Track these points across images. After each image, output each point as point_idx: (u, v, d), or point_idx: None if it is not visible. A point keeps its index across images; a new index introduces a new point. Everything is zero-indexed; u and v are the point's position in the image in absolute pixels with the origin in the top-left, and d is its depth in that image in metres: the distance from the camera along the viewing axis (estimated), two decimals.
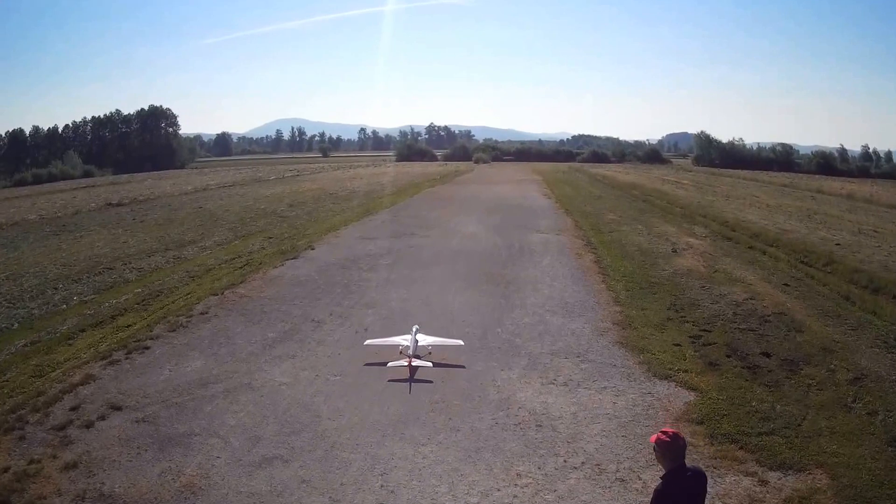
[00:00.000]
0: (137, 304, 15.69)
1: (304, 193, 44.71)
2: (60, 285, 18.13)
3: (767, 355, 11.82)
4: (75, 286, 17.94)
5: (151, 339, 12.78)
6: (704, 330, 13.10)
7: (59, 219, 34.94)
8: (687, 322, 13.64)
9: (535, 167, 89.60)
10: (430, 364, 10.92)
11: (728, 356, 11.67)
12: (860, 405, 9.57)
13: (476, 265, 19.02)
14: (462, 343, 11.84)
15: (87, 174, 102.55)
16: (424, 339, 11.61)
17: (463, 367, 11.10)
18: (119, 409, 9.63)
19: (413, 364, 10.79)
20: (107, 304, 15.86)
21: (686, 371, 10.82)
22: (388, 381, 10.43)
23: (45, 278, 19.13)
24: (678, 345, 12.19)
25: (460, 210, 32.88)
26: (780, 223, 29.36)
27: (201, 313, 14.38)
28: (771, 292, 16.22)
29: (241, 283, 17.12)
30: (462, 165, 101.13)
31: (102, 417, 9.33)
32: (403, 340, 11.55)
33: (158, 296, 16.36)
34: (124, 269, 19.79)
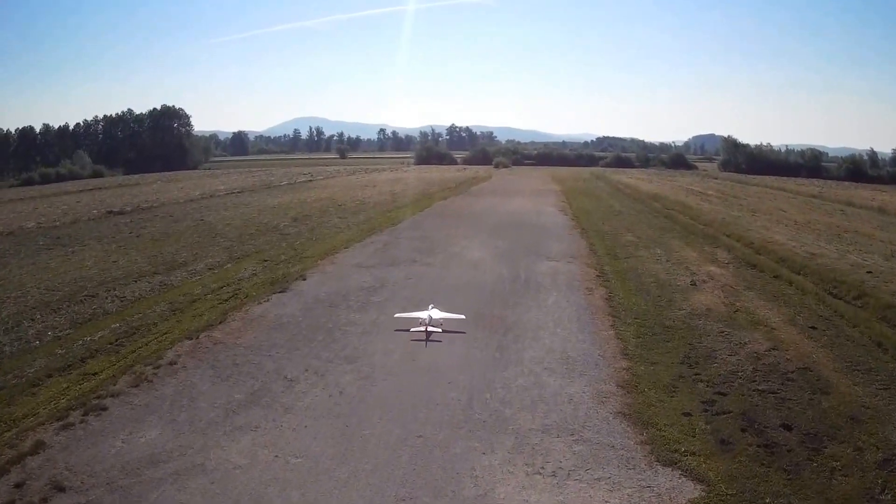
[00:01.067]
0: (111, 343, 14.76)
1: (311, 205, 43.74)
2: (38, 315, 17.32)
3: (788, 428, 10.50)
4: (53, 317, 17.10)
5: (112, 396, 11.76)
6: (719, 393, 11.77)
7: (56, 228, 34.44)
8: (701, 381, 12.30)
9: (555, 174, 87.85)
10: (440, 330, 15.20)
11: (743, 430, 10.36)
12: (888, 497, 8.41)
13: (474, 305, 17.59)
14: (464, 317, 16.04)
15: (96, 174, 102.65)
16: (438, 314, 15.83)
17: (464, 332, 15.22)
18: (63, 489, 8.72)
19: (428, 330, 15.06)
20: (80, 341, 14.98)
21: (694, 454, 9.50)
22: (411, 340, 14.63)
23: (24, 305, 18.38)
24: (688, 414, 10.87)
25: (470, 230, 31.38)
26: (809, 245, 27.74)
27: (170, 363, 13.31)
28: (796, 339, 14.80)
29: (220, 322, 16.02)
30: (481, 170, 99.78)
31: (45, 500, 8.44)
32: (422, 315, 15.74)
33: (134, 334, 15.39)
34: (107, 298, 18.88)
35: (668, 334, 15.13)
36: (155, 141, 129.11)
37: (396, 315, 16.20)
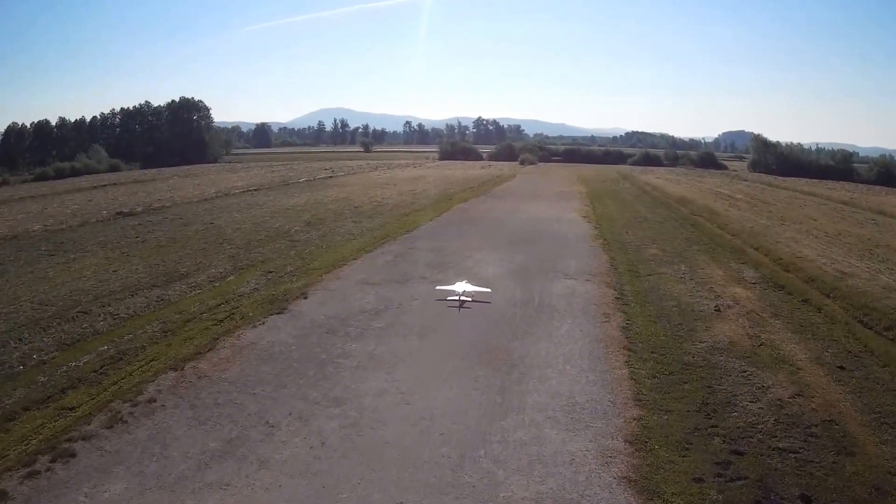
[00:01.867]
0: (94, 371, 14.17)
1: (327, 206, 43.01)
2: (27, 334, 16.82)
3: (807, 501, 9.50)
4: (41, 337, 16.57)
5: (84, 438, 11.12)
6: (736, 451, 10.75)
7: (61, 232, 33.88)
8: (717, 435, 11.27)
9: (581, 173, 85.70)
10: (470, 300, 19.47)
11: (758, 502, 9.35)
12: None
13: (481, 335, 16.58)
14: (490, 290, 20.49)
15: (112, 168, 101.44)
16: (470, 287, 20.24)
17: (489, 302, 19.56)
18: None
19: (461, 299, 19.42)
20: (64, 367, 14.45)
21: None
22: (447, 306, 19.07)
23: (15, 323, 17.88)
24: (700, 480, 9.88)
25: (487, 240, 30.12)
26: (839, 261, 26.29)
27: (150, 400, 12.58)
28: (822, 383, 13.69)
29: (209, 350, 15.24)
30: (506, 168, 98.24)
31: None
32: (458, 287, 20.18)
33: (120, 360, 14.77)
34: (99, 315, 18.28)
35: (686, 374, 14.03)
36: (174, 134, 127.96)
37: (438, 287, 20.81)
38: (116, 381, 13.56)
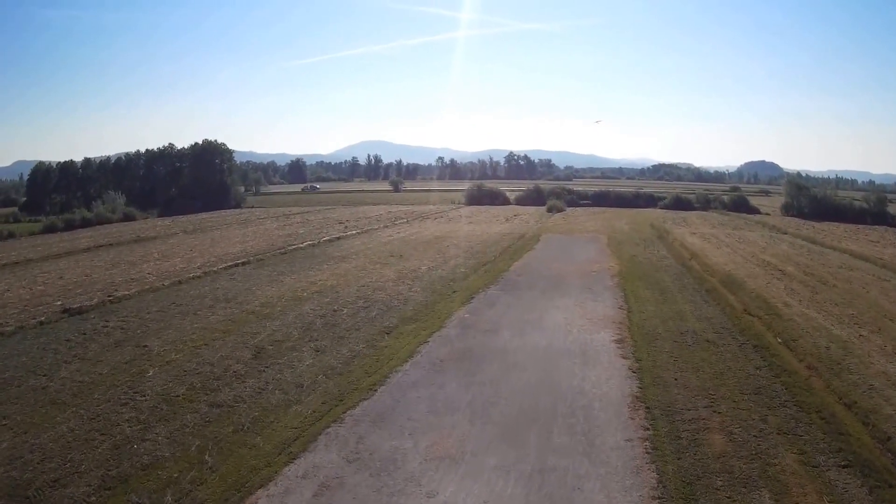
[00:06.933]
0: None
1: (302, 306, 35.19)
2: None
3: None
4: None
5: None
6: None
7: None
8: None
9: (612, 231, 75.37)
10: None
11: None
12: None
13: None
14: None
15: (127, 217, 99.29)
16: None
17: None
18: None
19: None
20: None
21: None
22: None
23: None
24: None
25: (473, 425, 20.00)
26: None
27: None
28: None
29: None
30: (532, 219, 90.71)
31: None
32: None
33: None
34: None
35: None
36: (195, 178, 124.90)
37: None
38: None
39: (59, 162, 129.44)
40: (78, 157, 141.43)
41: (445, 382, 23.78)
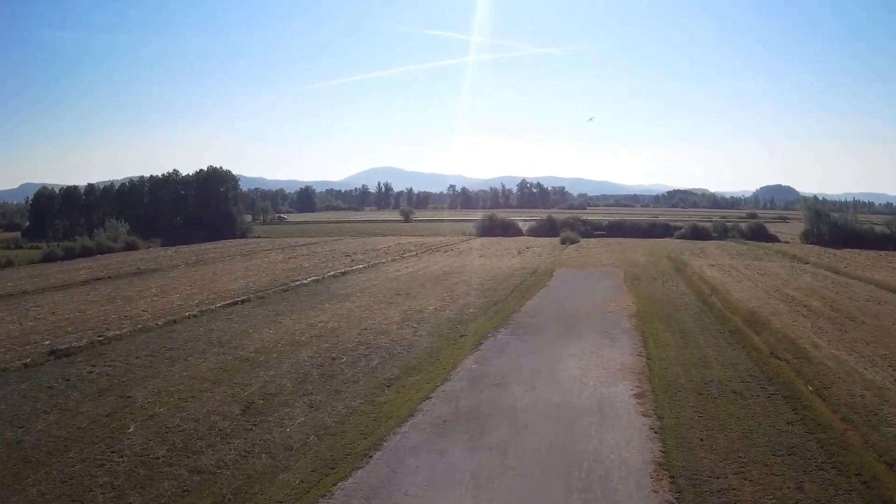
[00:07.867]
0: None
1: (299, 352, 33.30)
2: None
3: None
4: None
5: None
6: None
7: None
8: None
9: (629, 265, 72.32)
10: None
11: None
12: None
13: None
14: None
15: (129, 246, 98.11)
16: None
17: None
18: None
19: None
20: None
21: None
22: None
23: None
24: None
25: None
26: None
27: None
28: None
29: None
30: (545, 252, 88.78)
31: None
32: None
33: None
34: None
35: None
36: (199, 206, 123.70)
37: None
38: None
39: (63, 187, 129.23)
40: (89, 180, 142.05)
41: (447, 448, 21.43)
